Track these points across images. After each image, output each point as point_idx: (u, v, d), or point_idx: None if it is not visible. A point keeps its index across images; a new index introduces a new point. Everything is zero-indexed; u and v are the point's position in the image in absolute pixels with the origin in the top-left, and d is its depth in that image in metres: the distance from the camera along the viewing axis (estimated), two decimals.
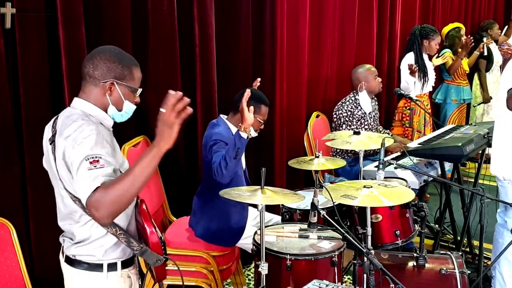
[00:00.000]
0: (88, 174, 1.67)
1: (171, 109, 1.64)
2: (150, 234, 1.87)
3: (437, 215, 4.01)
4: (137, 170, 1.66)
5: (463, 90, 5.55)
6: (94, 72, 1.84)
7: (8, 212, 2.33)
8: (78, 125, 1.75)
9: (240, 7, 3.55)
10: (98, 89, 1.86)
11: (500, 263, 2.96)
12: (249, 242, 2.68)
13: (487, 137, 3.56)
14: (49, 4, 2.56)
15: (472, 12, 6.75)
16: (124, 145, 2.81)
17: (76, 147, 1.72)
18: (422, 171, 3.35)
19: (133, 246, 1.86)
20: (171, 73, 3.17)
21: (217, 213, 2.86)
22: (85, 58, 1.89)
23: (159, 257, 1.87)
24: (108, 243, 1.88)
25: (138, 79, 1.92)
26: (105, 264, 1.89)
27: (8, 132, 2.48)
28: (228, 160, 2.56)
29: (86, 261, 1.89)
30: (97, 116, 1.86)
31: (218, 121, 2.91)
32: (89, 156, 1.69)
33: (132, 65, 1.89)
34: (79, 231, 1.87)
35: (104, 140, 1.76)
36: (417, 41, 4.81)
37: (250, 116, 2.59)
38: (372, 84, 4.02)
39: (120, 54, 1.88)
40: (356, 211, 2.73)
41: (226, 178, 2.61)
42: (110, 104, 1.87)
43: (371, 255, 2.12)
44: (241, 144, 2.56)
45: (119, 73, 1.85)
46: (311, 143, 4.14)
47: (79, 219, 1.85)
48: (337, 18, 4.49)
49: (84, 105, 1.87)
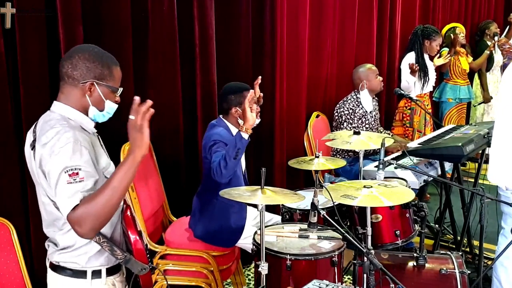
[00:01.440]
0: (68, 188, 1.65)
1: (136, 112, 1.67)
2: (134, 242, 1.82)
3: (437, 215, 4.01)
4: (116, 181, 1.66)
5: (459, 89, 5.55)
6: (73, 73, 1.79)
7: (8, 212, 2.33)
8: (55, 131, 1.71)
9: (240, 7, 3.55)
10: (78, 90, 1.80)
11: (497, 269, 2.94)
12: (249, 242, 2.68)
13: (487, 137, 3.55)
14: (49, 4, 2.56)
15: (472, 12, 6.75)
16: (124, 145, 2.81)
17: (53, 157, 1.68)
18: (422, 171, 3.35)
19: (116, 254, 1.81)
20: (171, 73, 3.17)
21: (216, 213, 2.86)
22: (63, 57, 1.84)
23: (144, 266, 1.83)
24: (92, 251, 1.84)
25: (118, 78, 1.88)
26: (89, 271, 1.85)
27: (8, 132, 2.48)
28: (228, 160, 2.56)
29: (70, 268, 1.85)
30: (76, 120, 1.81)
31: (218, 122, 2.91)
32: (68, 168, 1.66)
33: (112, 64, 1.85)
34: (62, 238, 1.83)
35: (83, 147, 1.72)
36: (418, 41, 4.82)
37: (253, 116, 2.58)
38: (373, 83, 4.04)
39: (99, 53, 1.83)
40: (356, 211, 2.73)
41: (225, 178, 2.61)
42: (91, 105, 1.82)
43: (371, 255, 2.12)
44: (242, 144, 2.55)
45: (99, 73, 1.81)
46: (311, 143, 4.14)
47: (62, 227, 1.82)
48: (337, 18, 4.49)
49: (63, 108, 1.81)
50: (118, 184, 1.66)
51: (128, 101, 1.74)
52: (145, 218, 2.85)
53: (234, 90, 2.87)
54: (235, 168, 2.61)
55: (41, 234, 2.58)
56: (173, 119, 3.21)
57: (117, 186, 1.66)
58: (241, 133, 2.55)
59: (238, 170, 2.83)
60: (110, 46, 2.79)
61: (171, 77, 3.18)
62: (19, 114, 2.52)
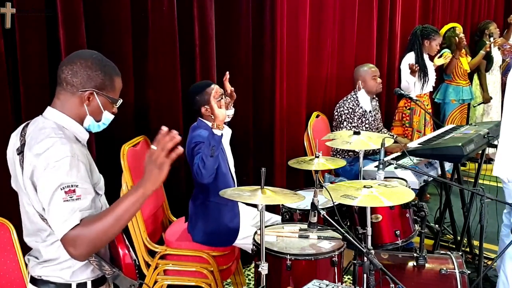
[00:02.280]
0: (64, 206, 1.57)
1: (162, 147, 1.58)
2: (123, 257, 1.75)
3: (437, 215, 4.01)
4: (120, 210, 1.58)
5: (462, 90, 5.55)
6: (73, 79, 1.69)
7: (8, 212, 2.33)
8: (51, 142, 1.62)
9: (240, 7, 3.55)
10: (75, 98, 1.71)
11: (505, 263, 2.94)
12: (249, 242, 2.68)
13: (487, 137, 3.56)
14: (49, 4, 2.56)
15: (472, 12, 6.75)
16: (124, 145, 2.80)
17: (48, 170, 1.58)
18: (422, 171, 3.35)
19: (105, 270, 1.72)
20: (171, 73, 3.17)
21: (210, 214, 2.87)
22: (62, 61, 1.75)
23: (133, 282, 1.75)
24: (77, 265, 1.73)
25: (118, 89, 1.80)
26: (74, 284, 1.75)
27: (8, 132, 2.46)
28: (205, 159, 2.57)
29: (53, 281, 1.74)
30: (71, 129, 1.73)
31: (198, 124, 2.91)
32: (64, 184, 1.57)
33: (114, 74, 1.77)
34: (45, 251, 1.73)
35: (80, 162, 1.63)
36: (418, 41, 4.81)
37: (221, 112, 2.61)
38: (369, 84, 4.04)
39: (102, 62, 1.75)
40: (356, 211, 2.73)
41: (206, 178, 2.61)
42: (88, 114, 1.74)
43: (371, 255, 2.12)
44: (215, 141, 2.58)
45: (100, 83, 1.72)
46: (311, 143, 4.14)
47: (46, 238, 1.72)
48: (337, 18, 4.49)
49: (58, 116, 1.72)
50: (122, 214, 1.58)
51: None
52: (145, 218, 2.85)
53: (197, 91, 2.88)
54: (214, 166, 2.63)
55: None
56: (173, 119, 3.21)
57: (121, 215, 1.58)
58: (213, 130, 2.58)
59: (224, 167, 2.84)
60: (110, 46, 2.80)
61: (171, 77, 3.17)
62: (19, 114, 2.51)
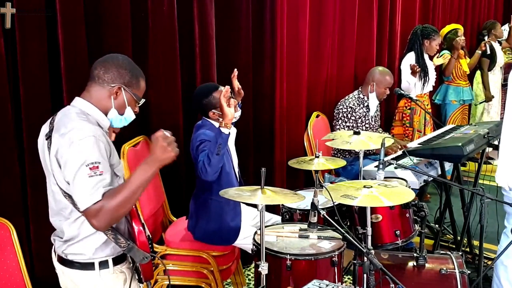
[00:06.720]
0: (90, 181, 1.74)
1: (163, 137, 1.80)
2: (138, 233, 1.91)
3: (437, 215, 4.01)
4: (134, 185, 1.77)
5: (462, 90, 5.55)
6: (105, 75, 1.91)
7: (8, 212, 2.33)
8: (76, 124, 1.80)
9: (240, 7, 3.55)
10: (104, 91, 1.92)
11: (498, 267, 2.94)
12: (249, 242, 2.68)
13: (487, 137, 3.55)
14: (49, 4, 2.56)
15: (472, 13, 6.75)
16: (124, 145, 2.81)
17: (72, 148, 1.75)
18: (422, 171, 3.35)
19: (120, 242, 1.88)
20: (171, 73, 3.17)
21: (212, 213, 2.87)
22: (97, 61, 1.96)
23: (146, 255, 1.90)
24: (98, 242, 1.91)
25: (142, 89, 2.02)
26: (97, 262, 1.92)
27: (8, 132, 2.48)
28: (211, 157, 2.59)
29: (78, 261, 1.93)
30: (94, 115, 1.90)
31: (203, 122, 2.91)
32: (88, 161, 1.75)
33: (140, 76, 2.00)
34: (68, 229, 1.90)
35: (100, 142, 1.80)
36: (418, 41, 4.81)
37: (230, 111, 2.62)
38: (378, 90, 4.14)
39: (131, 64, 1.99)
40: (356, 211, 2.73)
41: (210, 175, 2.63)
42: (113, 107, 1.93)
43: (371, 255, 2.12)
44: (223, 139, 2.59)
45: (128, 80, 1.94)
46: (311, 143, 4.14)
47: (69, 216, 1.88)
48: (337, 18, 4.49)
49: (83, 104, 1.91)
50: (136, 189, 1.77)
51: None
52: (145, 218, 2.84)
53: (204, 94, 2.87)
54: (219, 164, 2.64)
55: (41, 234, 2.60)
56: (173, 119, 3.21)
57: (135, 190, 1.77)
58: (221, 128, 2.60)
59: (228, 167, 2.84)
60: (110, 46, 2.80)
61: (171, 77, 3.17)
62: (19, 114, 2.51)
